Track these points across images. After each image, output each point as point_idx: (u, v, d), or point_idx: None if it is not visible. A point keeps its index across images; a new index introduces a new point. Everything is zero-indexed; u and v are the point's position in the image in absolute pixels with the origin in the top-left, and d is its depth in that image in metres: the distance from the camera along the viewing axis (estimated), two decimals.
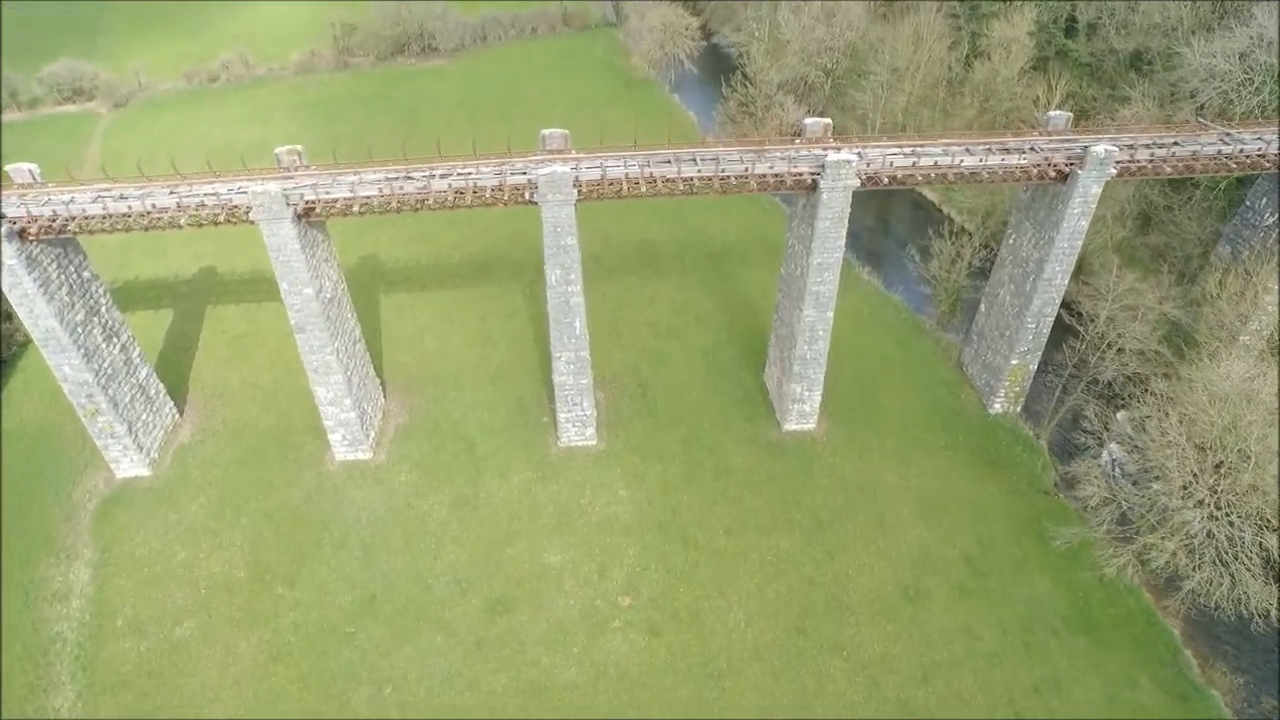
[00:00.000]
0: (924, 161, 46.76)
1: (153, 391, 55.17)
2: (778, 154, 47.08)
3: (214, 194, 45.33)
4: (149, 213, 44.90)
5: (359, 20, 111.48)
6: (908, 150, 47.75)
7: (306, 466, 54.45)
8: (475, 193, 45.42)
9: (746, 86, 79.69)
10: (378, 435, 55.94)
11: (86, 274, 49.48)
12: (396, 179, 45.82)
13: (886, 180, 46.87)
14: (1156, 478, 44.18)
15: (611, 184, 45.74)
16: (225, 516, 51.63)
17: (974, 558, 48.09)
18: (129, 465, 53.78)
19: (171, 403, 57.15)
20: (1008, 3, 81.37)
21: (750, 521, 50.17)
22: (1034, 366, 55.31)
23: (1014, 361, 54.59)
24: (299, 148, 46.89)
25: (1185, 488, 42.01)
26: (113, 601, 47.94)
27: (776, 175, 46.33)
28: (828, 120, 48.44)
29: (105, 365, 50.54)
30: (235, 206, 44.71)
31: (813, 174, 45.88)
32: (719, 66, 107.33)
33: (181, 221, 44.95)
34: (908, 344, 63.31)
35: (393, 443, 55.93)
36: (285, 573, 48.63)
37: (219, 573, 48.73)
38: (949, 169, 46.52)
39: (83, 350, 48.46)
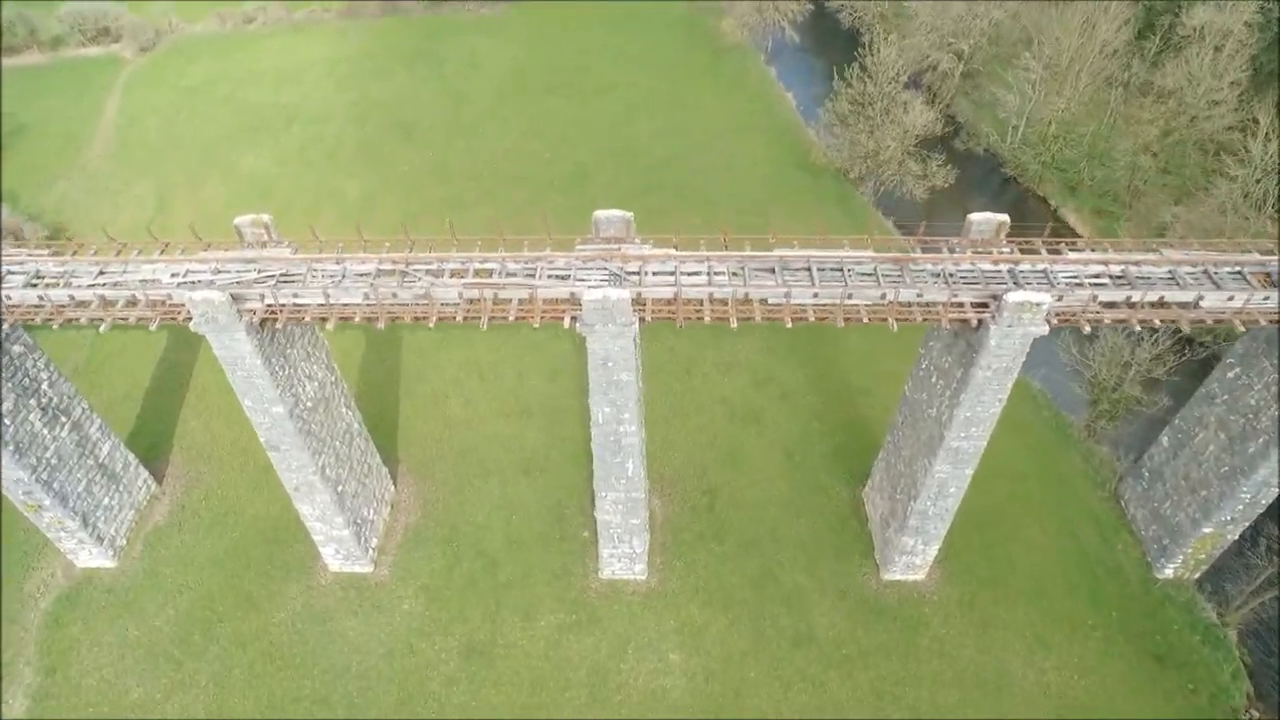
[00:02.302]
0: (1147, 297, 31.25)
1: (119, 467, 44.42)
2: (929, 267, 32.05)
3: (153, 280, 32.77)
4: (62, 307, 32.76)
5: None
6: (1116, 270, 32.12)
7: (294, 576, 43.50)
8: (496, 306, 31.98)
9: (865, 82, 62.48)
10: (381, 540, 44.52)
11: (17, 348, 38.04)
12: (391, 273, 32.39)
13: (1088, 327, 31.77)
14: None
15: (689, 305, 31.70)
16: (193, 640, 41.31)
17: None
18: (88, 557, 43.72)
19: (146, 474, 46.44)
20: None
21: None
22: (1234, 538, 40.53)
23: (1206, 529, 39.80)
24: (266, 218, 33.66)
25: None
26: None
27: (927, 307, 31.56)
28: (1003, 218, 32.85)
29: (47, 455, 39.67)
30: (176, 308, 32.25)
31: (980, 312, 31.04)
32: (826, 35, 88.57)
33: (102, 326, 32.78)
34: (1048, 457, 48.41)
35: (399, 550, 44.48)
36: None
37: None
38: (1184, 313, 31.15)
39: (12, 445, 37.54)
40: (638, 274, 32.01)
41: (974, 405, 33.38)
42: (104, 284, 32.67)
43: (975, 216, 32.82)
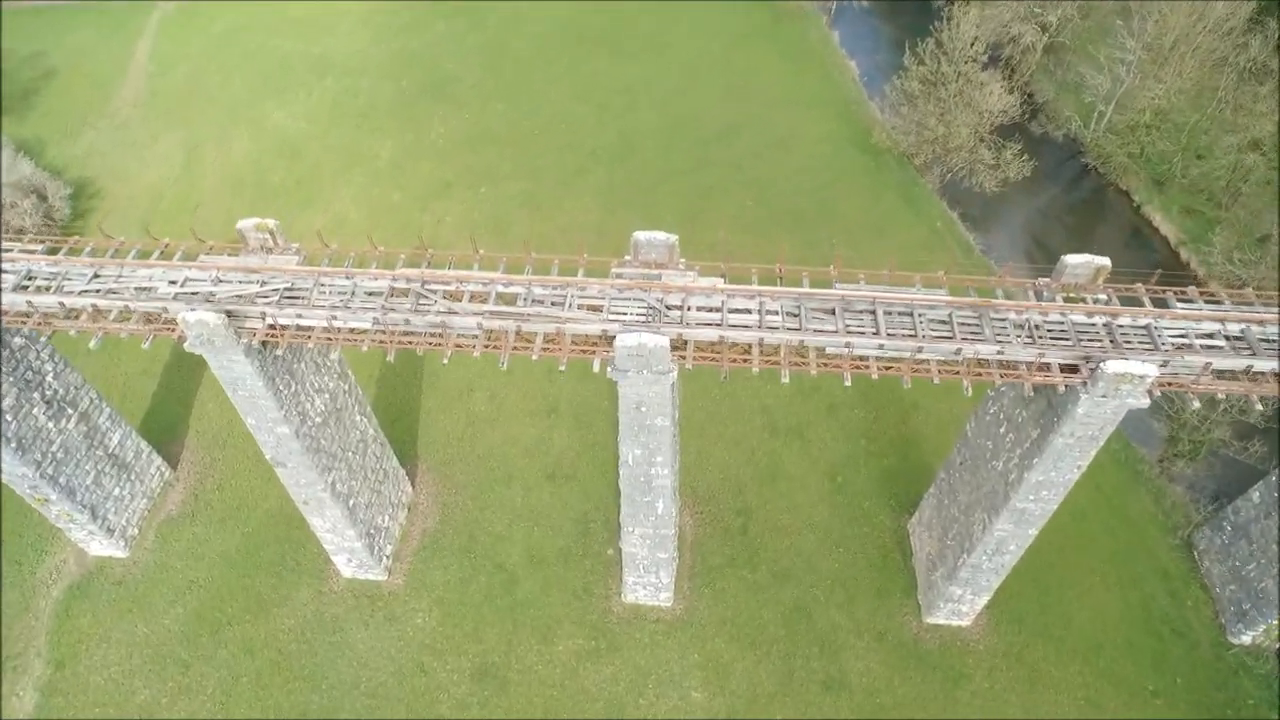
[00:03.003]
0: (1273, 367, 26.62)
1: (130, 456, 42.43)
2: (1012, 317, 27.66)
3: (149, 288, 29.72)
4: (51, 316, 29.88)
5: None
6: (1235, 329, 27.43)
7: (305, 580, 41.52)
8: (519, 339, 28.47)
9: (939, 60, 56.43)
10: (397, 546, 42.23)
11: (18, 340, 35.60)
12: (405, 292, 28.89)
13: (1197, 401, 27.34)
14: None
15: (735, 349, 27.88)
16: (201, 642, 39.69)
17: None
18: (99, 546, 42.17)
19: (159, 460, 44.47)
20: None
21: None
22: None
23: None
24: (271, 223, 30.17)
25: None
26: None
27: (1008, 365, 27.34)
28: (1103, 262, 28.18)
29: (53, 449, 37.65)
30: (171, 324, 29.24)
31: (1069, 376, 26.73)
32: None
33: (92, 342, 29.96)
34: (1115, 497, 44.05)
35: (415, 558, 42.16)
36: None
37: None
38: None
39: (14, 441, 35.49)
40: (680, 308, 28.16)
41: (1050, 469, 29.36)
42: (97, 290, 29.73)
43: (1071, 259, 28.22)
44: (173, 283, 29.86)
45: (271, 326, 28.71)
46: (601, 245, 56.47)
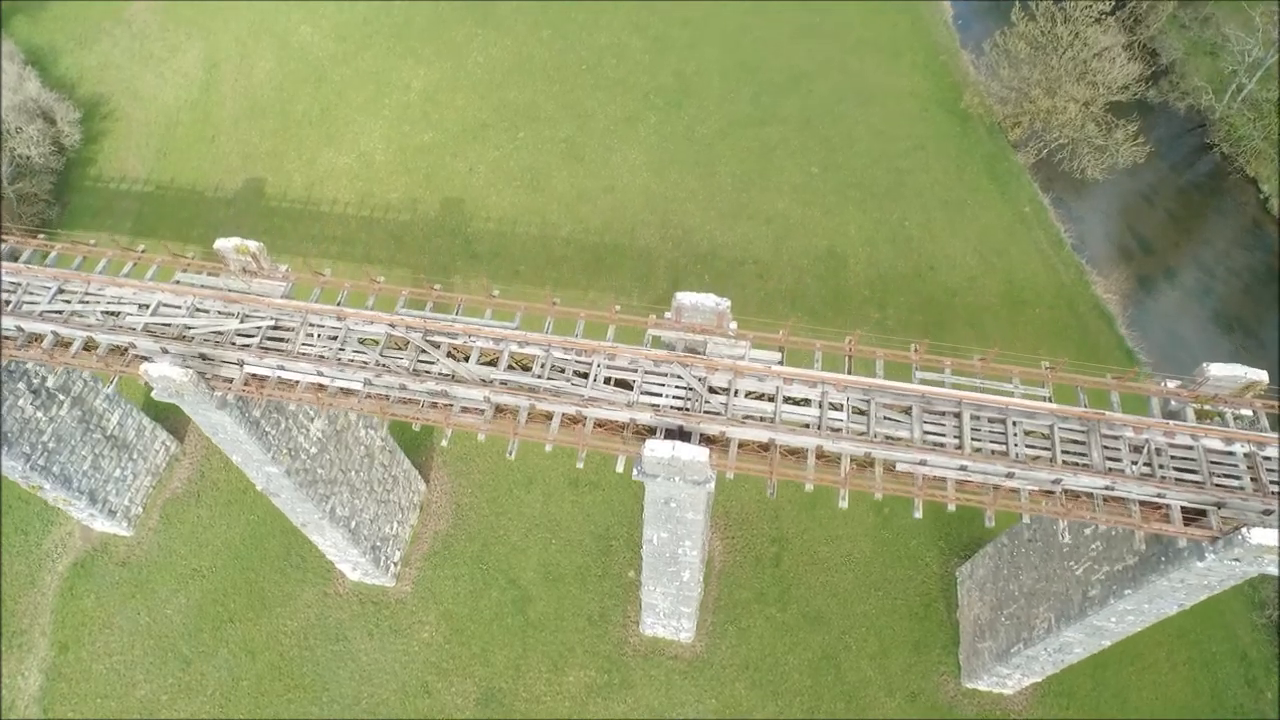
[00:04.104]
0: None
1: (132, 435, 39.63)
2: (1129, 435, 22.31)
3: (117, 314, 25.55)
4: (9, 338, 25.96)
5: None
6: None
7: (310, 580, 39.14)
8: (531, 420, 24.00)
9: (1054, 20, 47.61)
10: (406, 550, 39.46)
11: None
12: (403, 344, 24.33)
13: None
14: None
15: (787, 455, 23.14)
16: (202, 638, 37.96)
17: None
18: (102, 525, 40.15)
19: (165, 435, 41.68)
20: None
21: None
22: None
23: None
24: (254, 245, 25.34)
25: None
26: None
27: (1115, 502, 22.21)
28: (1257, 376, 22.36)
29: (44, 439, 34.83)
30: (138, 361, 25.21)
31: (1194, 527, 21.56)
32: None
33: (50, 379, 26.18)
34: None
35: (425, 563, 39.42)
36: None
37: None
38: None
39: None
40: (725, 392, 23.32)
41: (1142, 603, 24.71)
42: (59, 312, 25.71)
43: (1215, 368, 22.48)
44: (144, 307, 25.74)
45: (250, 377, 24.60)
46: (647, 212, 51.42)
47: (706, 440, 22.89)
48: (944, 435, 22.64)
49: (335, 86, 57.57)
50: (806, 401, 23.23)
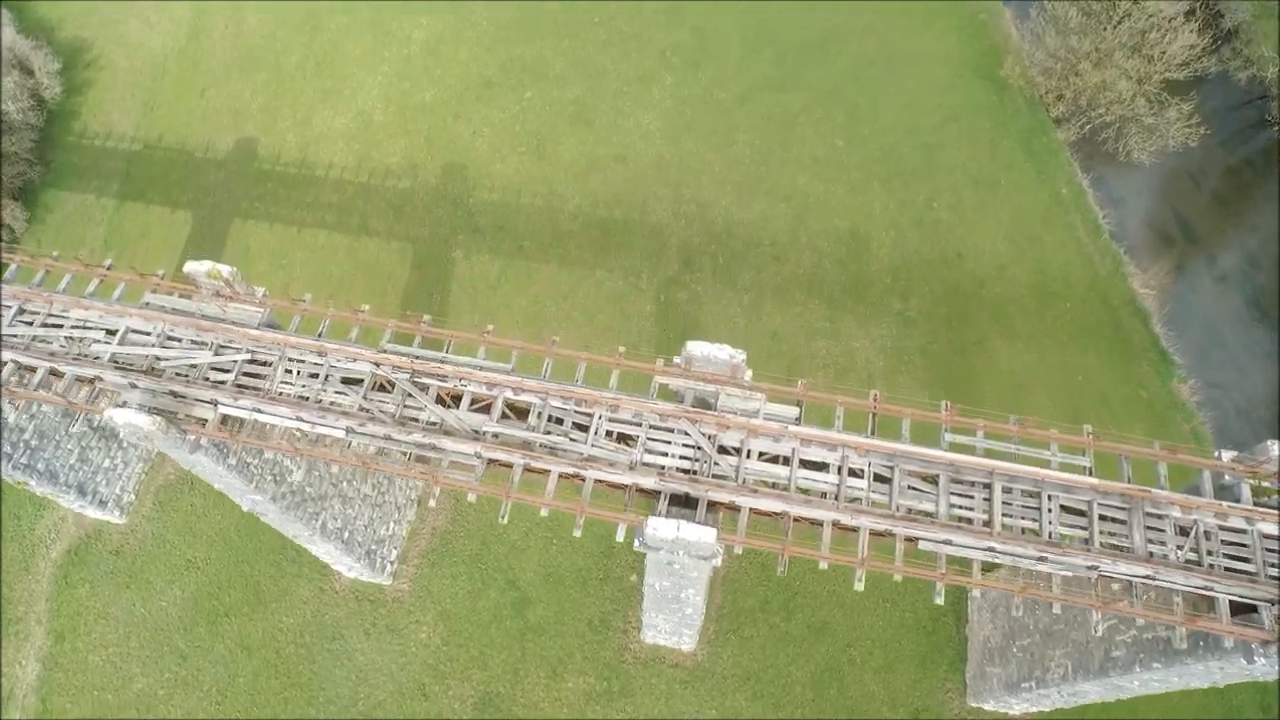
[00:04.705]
0: None
1: None
2: (1175, 515, 20.29)
3: (83, 339, 23.55)
4: None
5: None
6: None
7: (306, 575, 38.17)
8: (525, 479, 22.14)
9: None
10: (404, 547, 38.35)
11: None
12: (389, 389, 22.34)
13: None
14: None
15: (801, 524, 21.30)
16: (198, 632, 37.36)
17: None
18: (94, 514, 39.11)
19: None
20: None
21: None
22: None
23: None
24: (226, 270, 23.14)
25: None
26: None
27: (1159, 595, 20.35)
28: None
29: (25, 438, 33.40)
30: (106, 392, 23.35)
31: (1244, 626, 19.71)
32: None
33: (11, 415, 24.33)
34: None
35: (422, 560, 38.36)
36: None
37: None
38: None
39: None
40: (737, 452, 21.37)
41: (1171, 678, 23.20)
42: (20, 338, 23.73)
43: (1277, 446, 20.28)
44: (111, 333, 23.72)
45: (224, 417, 22.75)
46: (660, 184, 48.30)
47: (714, 504, 21.07)
48: (972, 508, 20.71)
49: (331, 36, 53.80)
50: (825, 466, 21.26)
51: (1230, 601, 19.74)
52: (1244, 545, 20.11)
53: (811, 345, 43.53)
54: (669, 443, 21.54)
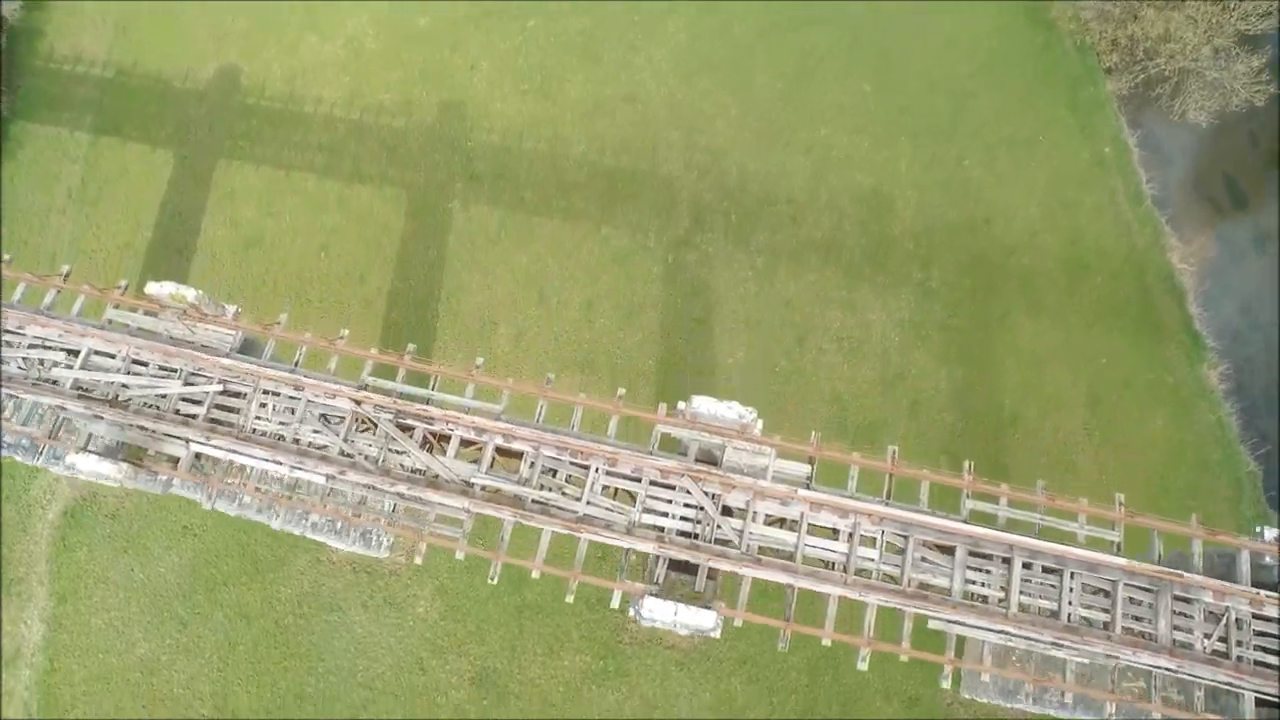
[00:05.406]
0: None
1: None
2: (1207, 600, 19.00)
3: (42, 361, 21.79)
4: None
5: None
6: None
7: (303, 546, 37.54)
8: (516, 535, 20.76)
9: None
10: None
11: None
12: (370, 427, 20.70)
13: None
14: None
15: (804, 593, 20.02)
16: (197, 599, 37.28)
17: None
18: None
19: None
20: None
21: None
22: None
23: None
24: (191, 294, 21.17)
25: None
26: (63, 693, 36.71)
27: (1182, 687, 19.26)
28: None
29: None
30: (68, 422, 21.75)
31: None
32: None
33: None
34: None
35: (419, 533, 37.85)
36: None
37: (181, 698, 36.15)
38: None
39: None
40: (742, 514, 19.96)
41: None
42: None
43: None
44: (73, 355, 21.97)
45: (197, 456, 21.30)
46: (671, 129, 44.77)
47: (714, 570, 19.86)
48: (988, 584, 19.44)
49: None
50: (834, 533, 19.87)
51: (1257, 698, 18.71)
52: (1278, 638, 18.90)
53: (825, 316, 41.34)
54: (670, 501, 20.10)
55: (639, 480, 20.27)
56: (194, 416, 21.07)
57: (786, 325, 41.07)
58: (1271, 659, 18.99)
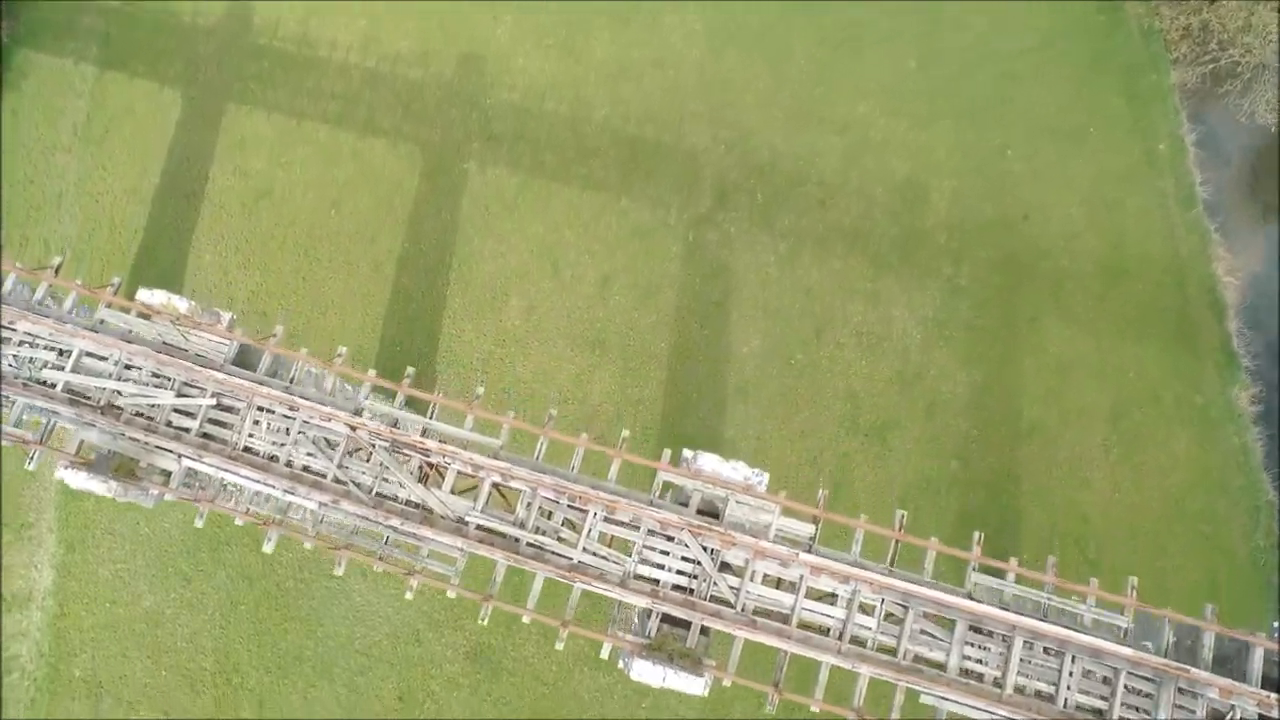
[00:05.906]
0: None
1: None
2: (1212, 699, 18.47)
3: (31, 360, 21.20)
4: None
5: None
6: None
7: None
8: (509, 577, 20.34)
9: None
10: None
11: None
12: (367, 453, 20.13)
13: None
14: None
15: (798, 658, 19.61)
16: (200, 557, 37.78)
17: None
18: None
19: None
20: None
21: None
22: None
23: None
24: (183, 304, 20.39)
25: None
26: (72, 637, 37.80)
27: None
28: None
29: None
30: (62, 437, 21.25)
31: None
32: None
33: None
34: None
35: None
36: (254, 687, 36.86)
37: (184, 651, 37.16)
38: None
39: None
40: (741, 571, 19.46)
41: None
42: None
43: None
44: (63, 355, 21.37)
45: (189, 472, 20.89)
46: (698, 100, 42.60)
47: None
48: (985, 662, 18.98)
49: None
50: (833, 597, 19.35)
51: None
52: None
53: (847, 308, 39.99)
54: (667, 553, 19.58)
55: (637, 529, 19.74)
56: (187, 430, 20.58)
57: (806, 315, 39.80)
58: None
